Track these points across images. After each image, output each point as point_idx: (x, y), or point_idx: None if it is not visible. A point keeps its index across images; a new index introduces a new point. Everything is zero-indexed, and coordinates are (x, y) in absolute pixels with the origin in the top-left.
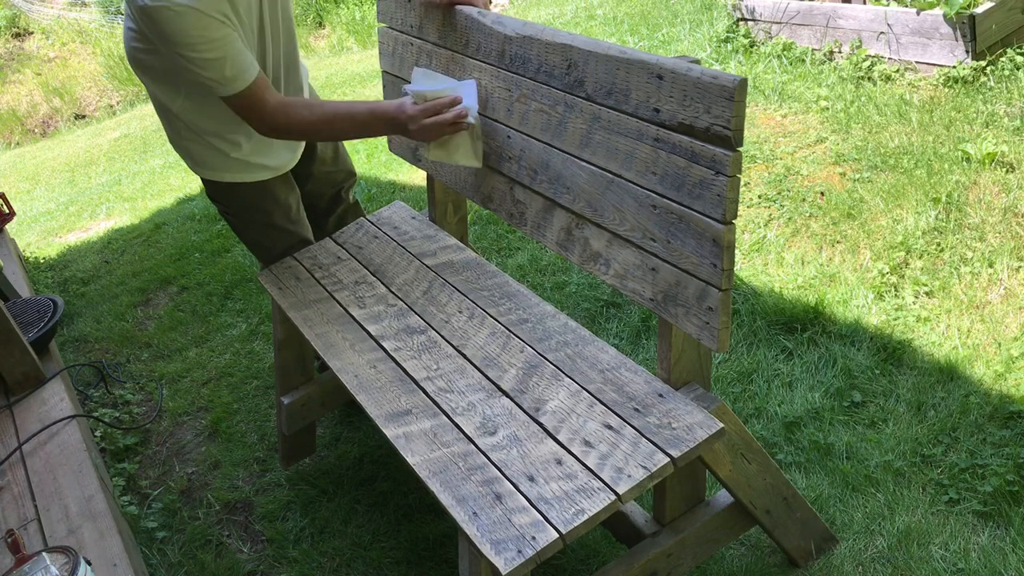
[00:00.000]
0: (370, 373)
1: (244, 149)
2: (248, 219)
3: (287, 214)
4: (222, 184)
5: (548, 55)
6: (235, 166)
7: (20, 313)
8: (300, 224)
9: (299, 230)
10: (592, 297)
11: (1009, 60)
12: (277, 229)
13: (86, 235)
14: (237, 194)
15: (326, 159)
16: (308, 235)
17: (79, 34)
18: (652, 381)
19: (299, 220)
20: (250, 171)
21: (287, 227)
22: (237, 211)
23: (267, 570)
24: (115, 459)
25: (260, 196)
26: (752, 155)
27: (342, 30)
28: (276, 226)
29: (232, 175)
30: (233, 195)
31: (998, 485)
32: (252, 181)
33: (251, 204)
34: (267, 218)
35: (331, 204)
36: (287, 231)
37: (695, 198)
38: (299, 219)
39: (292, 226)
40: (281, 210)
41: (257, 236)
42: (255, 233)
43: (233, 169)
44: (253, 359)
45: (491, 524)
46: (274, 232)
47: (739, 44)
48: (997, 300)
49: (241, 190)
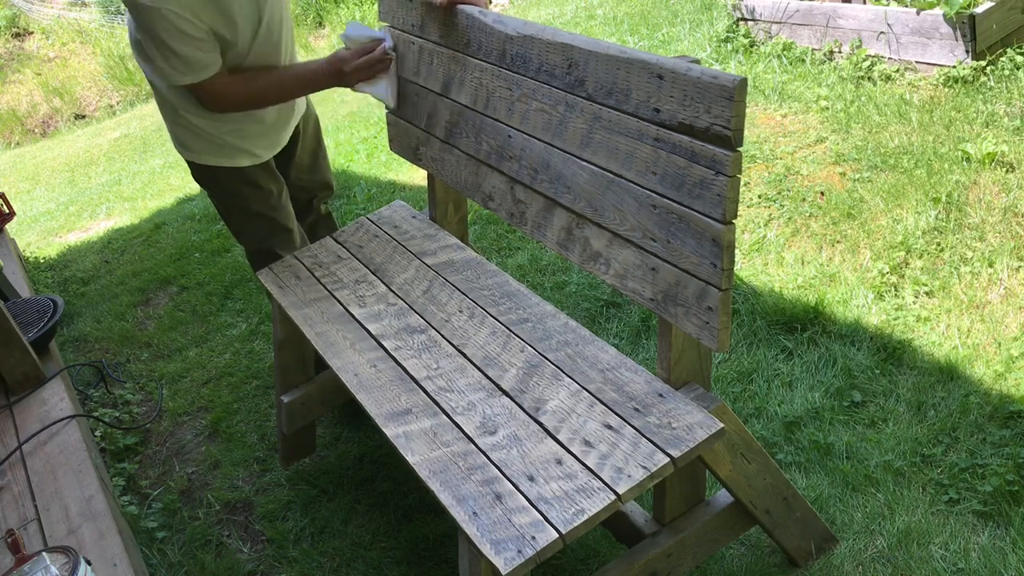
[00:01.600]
0: (370, 372)
1: (223, 129)
2: (228, 203)
3: (266, 200)
4: (202, 167)
5: (549, 55)
6: (214, 149)
7: (20, 313)
8: (280, 211)
9: (278, 216)
10: (592, 297)
11: (1009, 60)
12: (255, 215)
13: (86, 235)
14: (216, 178)
15: (303, 166)
16: (289, 223)
17: (79, 34)
18: (652, 381)
19: (279, 207)
20: (228, 155)
21: (265, 213)
22: (218, 195)
23: (267, 570)
24: (115, 459)
25: (239, 181)
26: (752, 155)
27: (342, 30)
28: (253, 212)
29: (211, 158)
30: (213, 178)
31: (998, 485)
32: (230, 166)
33: (230, 188)
34: (244, 203)
35: (302, 212)
36: (265, 217)
37: (695, 198)
38: (280, 205)
39: (271, 212)
40: (260, 196)
41: (236, 221)
42: (234, 217)
43: (213, 152)
44: (253, 359)
45: (491, 524)
46: (253, 219)
47: (739, 44)
48: (997, 300)
49: (220, 174)
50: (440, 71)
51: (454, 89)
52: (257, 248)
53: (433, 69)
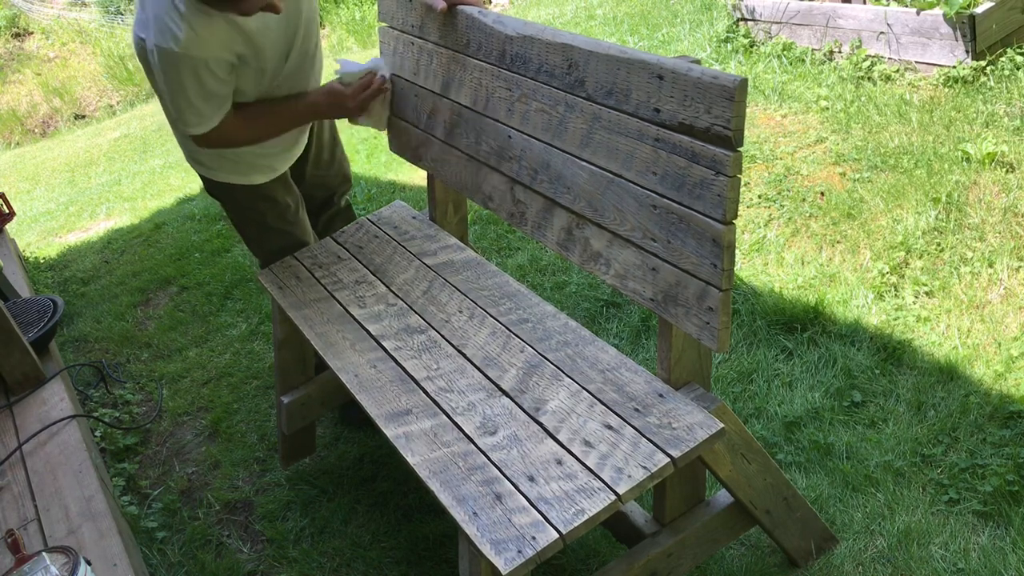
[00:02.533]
0: (370, 373)
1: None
2: (243, 217)
3: (283, 215)
4: (216, 183)
5: (549, 55)
6: (230, 166)
7: (20, 313)
8: (297, 225)
9: (295, 231)
10: (592, 297)
11: (1009, 60)
12: (271, 230)
13: (86, 235)
14: (232, 194)
15: (321, 162)
16: (306, 237)
17: (79, 34)
18: (652, 381)
19: (296, 221)
20: (243, 172)
21: (282, 228)
22: (233, 209)
23: (267, 570)
24: (115, 459)
25: (253, 196)
26: (752, 155)
27: (342, 30)
28: (270, 227)
29: (226, 175)
30: (228, 194)
31: (998, 485)
32: (246, 184)
33: (244, 204)
34: (261, 218)
35: (321, 207)
36: (282, 232)
37: (695, 198)
38: (297, 220)
39: (288, 227)
40: (277, 211)
41: (252, 234)
42: (250, 231)
43: (228, 168)
44: (253, 359)
45: (491, 524)
46: (268, 232)
47: (739, 44)
48: (997, 300)
49: (236, 190)
50: (440, 71)
51: (454, 89)
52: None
53: (433, 69)
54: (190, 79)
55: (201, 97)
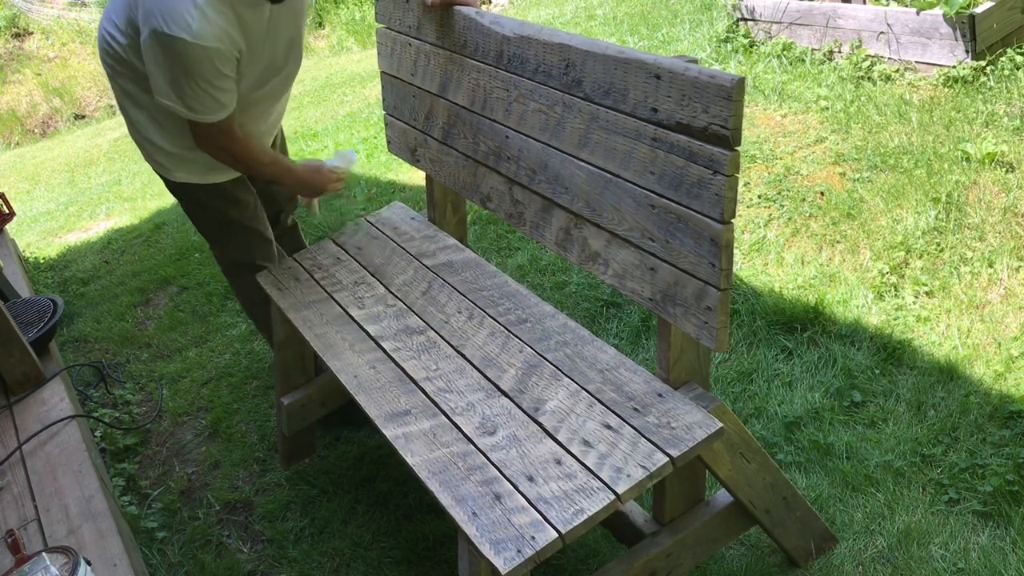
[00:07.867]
0: (369, 373)
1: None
2: (203, 216)
3: (243, 212)
4: (175, 183)
5: (546, 55)
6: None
7: (20, 313)
8: (259, 221)
9: (257, 226)
10: (592, 297)
11: (1009, 60)
12: (232, 226)
13: (86, 235)
14: (191, 193)
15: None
16: (268, 234)
17: (79, 34)
18: (651, 381)
19: (257, 218)
20: (199, 172)
21: (243, 223)
22: (192, 209)
23: (267, 570)
24: (115, 459)
25: (212, 195)
26: (752, 155)
27: (342, 30)
28: (230, 224)
29: (184, 175)
30: (187, 193)
31: (998, 485)
32: (205, 183)
33: (204, 202)
34: (221, 216)
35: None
36: (243, 227)
37: (693, 197)
38: (256, 216)
39: (248, 222)
40: (237, 208)
41: (213, 233)
42: (211, 229)
43: (185, 168)
44: (253, 359)
45: (490, 524)
46: (229, 228)
47: (739, 44)
48: (997, 300)
49: (194, 190)
50: (437, 72)
51: (451, 90)
52: (236, 258)
53: (430, 70)
54: (208, 66)
55: (218, 86)
